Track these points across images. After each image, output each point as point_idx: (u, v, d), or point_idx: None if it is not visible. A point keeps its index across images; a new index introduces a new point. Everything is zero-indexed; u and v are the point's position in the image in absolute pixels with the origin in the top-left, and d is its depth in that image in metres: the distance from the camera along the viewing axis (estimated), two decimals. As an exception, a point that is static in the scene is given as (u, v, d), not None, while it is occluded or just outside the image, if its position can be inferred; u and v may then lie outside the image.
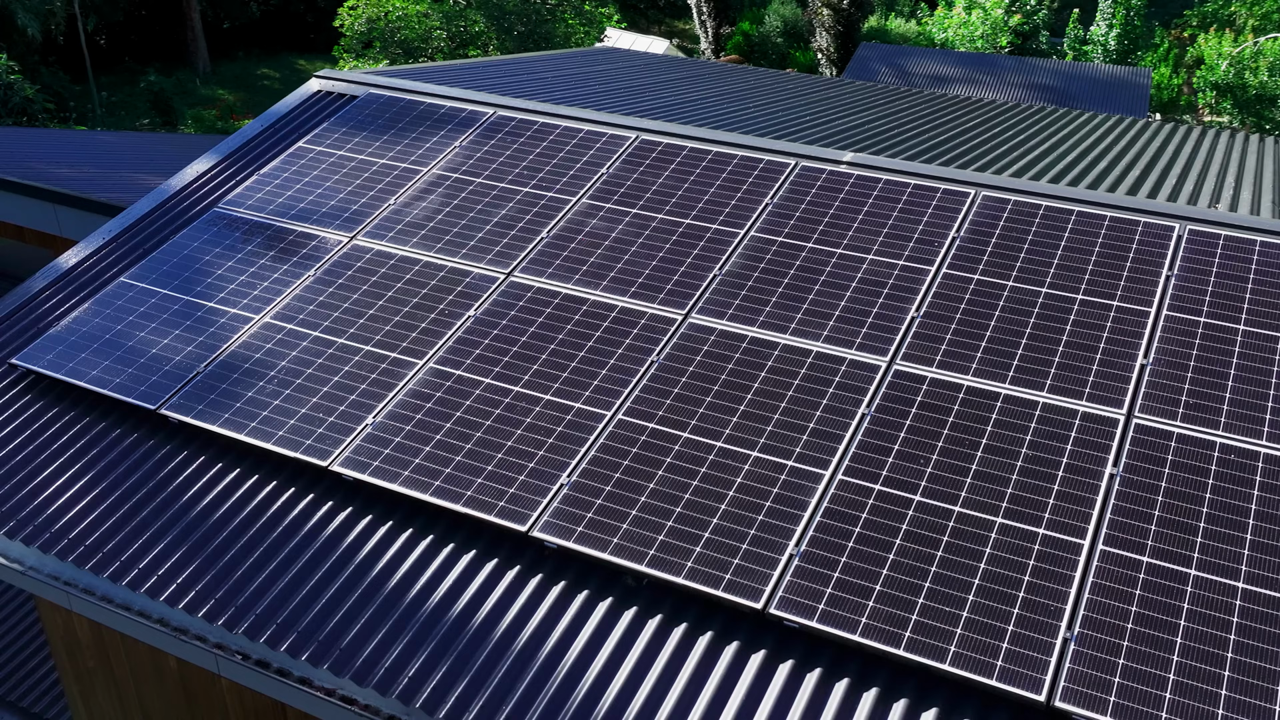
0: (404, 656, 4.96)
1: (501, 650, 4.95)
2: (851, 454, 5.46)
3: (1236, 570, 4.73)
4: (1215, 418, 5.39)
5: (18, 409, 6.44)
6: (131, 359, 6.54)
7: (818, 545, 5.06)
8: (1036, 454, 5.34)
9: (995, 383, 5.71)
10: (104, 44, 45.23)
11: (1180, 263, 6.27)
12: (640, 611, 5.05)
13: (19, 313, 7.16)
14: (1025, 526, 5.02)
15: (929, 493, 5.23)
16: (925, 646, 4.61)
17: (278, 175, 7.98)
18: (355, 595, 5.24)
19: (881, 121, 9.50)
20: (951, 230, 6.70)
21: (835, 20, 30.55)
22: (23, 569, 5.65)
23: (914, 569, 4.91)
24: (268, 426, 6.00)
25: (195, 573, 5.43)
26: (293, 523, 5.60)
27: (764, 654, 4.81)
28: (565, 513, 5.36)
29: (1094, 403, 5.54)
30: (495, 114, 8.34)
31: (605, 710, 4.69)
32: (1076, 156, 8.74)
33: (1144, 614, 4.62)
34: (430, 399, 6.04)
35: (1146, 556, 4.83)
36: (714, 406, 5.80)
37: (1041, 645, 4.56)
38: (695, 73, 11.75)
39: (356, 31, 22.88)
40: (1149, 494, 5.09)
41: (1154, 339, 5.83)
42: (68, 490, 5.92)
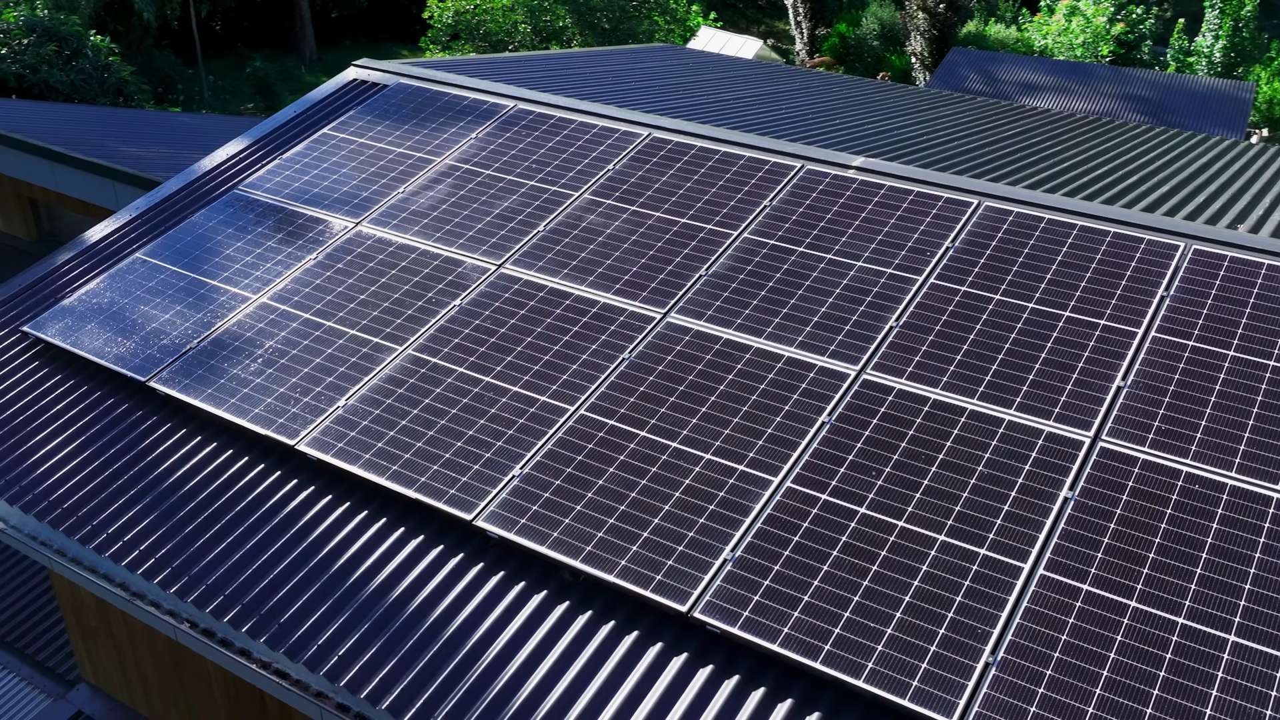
0: (338, 635, 5.06)
1: (433, 635, 5.01)
2: (804, 462, 5.38)
3: (1179, 605, 4.54)
4: (1186, 445, 5.17)
5: (24, 374, 6.72)
6: (132, 332, 6.78)
7: (754, 552, 5.00)
8: (992, 472, 5.19)
9: (963, 397, 5.57)
10: (219, 30, 46.89)
11: (1179, 283, 6.03)
12: (572, 606, 5.05)
13: (41, 283, 7.47)
14: (967, 546, 4.89)
15: (875, 505, 5.12)
16: (843, 661, 4.52)
17: (299, 160, 8.18)
18: (302, 573, 5.35)
19: (918, 128, 9.32)
20: (947, 240, 6.55)
21: (930, 24, 29.98)
22: (5, 527, 5.90)
23: (846, 582, 4.82)
24: (245, 404, 6.16)
25: (157, 541, 5.61)
26: (255, 499, 5.74)
27: (685, 657, 4.77)
28: (512, 504, 5.40)
29: (1061, 423, 5.36)
30: (515, 107, 8.41)
31: (524, 699, 4.71)
32: (1115, 171, 8.45)
33: (1074, 644, 4.46)
34: (402, 385, 6.14)
35: (1087, 585, 4.66)
36: (675, 407, 5.77)
37: (961, 668, 4.44)
38: (748, 73, 11.67)
39: (444, 23, 23.26)
40: (1102, 520, 4.91)
41: (1136, 361, 5.62)
42: (55, 455, 6.17)
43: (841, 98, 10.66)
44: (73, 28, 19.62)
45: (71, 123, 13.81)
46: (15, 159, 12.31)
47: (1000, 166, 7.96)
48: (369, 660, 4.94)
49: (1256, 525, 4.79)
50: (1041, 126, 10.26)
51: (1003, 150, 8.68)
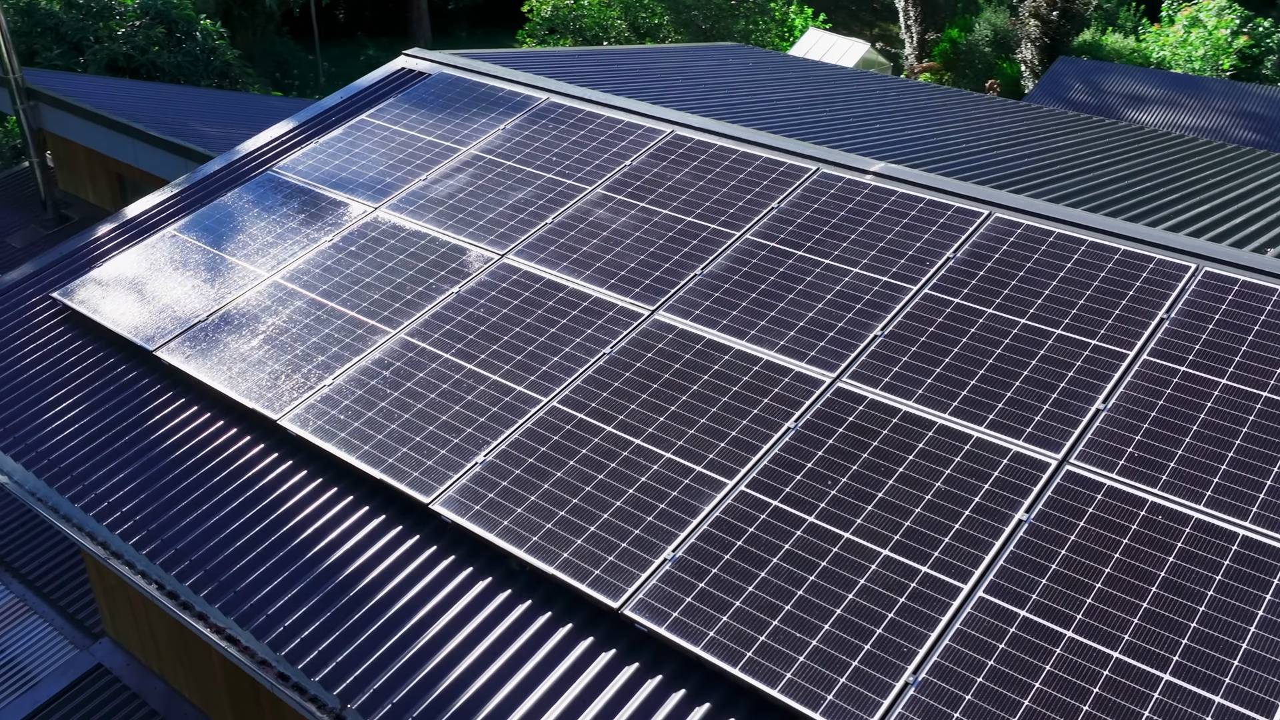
0: (288, 606, 5.19)
1: (379, 612, 5.10)
2: (762, 467, 5.31)
3: (1117, 640, 4.36)
4: (1156, 474, 4.95)
5: (47, 339, 7.05)
6: (149, 303, 7.05)
7: (695, 554, 4.97)
8: (950, 489, 5.05)
9: (935, 411, 5.43)
10: (341, 19, 48.25)
11: (1183, 305, 5.77)
12: (515, 594, 5.09)
13: (79, 252, 7.83)
14: (909, 563, 4.77)
15: (825, 515, 5.03)
16: (762, 670, 4.46)
17: (334, 145, 8.39)
18: (266, 544, 5.50)
19: (963, 136, 9.09)
20: (949, 250, 6.39)
21: (1042, 32, 29.13)
22: (9, 481, 6.21)
23: (781, 591, 4.75)
24: (239, 377, 6.36)
25: (138, 505, 5.83)
26: (234, 470, 5.93)
27: (614, 653, 4.77)
28: (470, 491, 5.46)
29: (1031, 443, 5.19)
30: (547, 100, 8.48)
31: (455, 678, 4.77)
32: (1162, 188, 8.12)
33: (1000, 670, 4.32)
34: (388, 368, 6.25)
35: (1025, 611, 4.51)
36: (645, 404, 5.76)
37: (880, 686, 4.34)
38: (807, 76, 11.55)
39: (542, 17, 23.52)
40: (1054, 546, 4.74)
41: (1121, 384, 5.40)
42: (61, 416, 6.46)
43: (899, 104, 10.46)
44: (184, 11, 20.43)
45: (161, 102, 14.39)
46: (102, 135, 12.89)
47: (1036, 178, 7.72)
48: (312, 632, 5.06)
49: (1215, 562, 4.56)
50: (1102, 139, 9.91)
51: (1046, 162, 8.42)
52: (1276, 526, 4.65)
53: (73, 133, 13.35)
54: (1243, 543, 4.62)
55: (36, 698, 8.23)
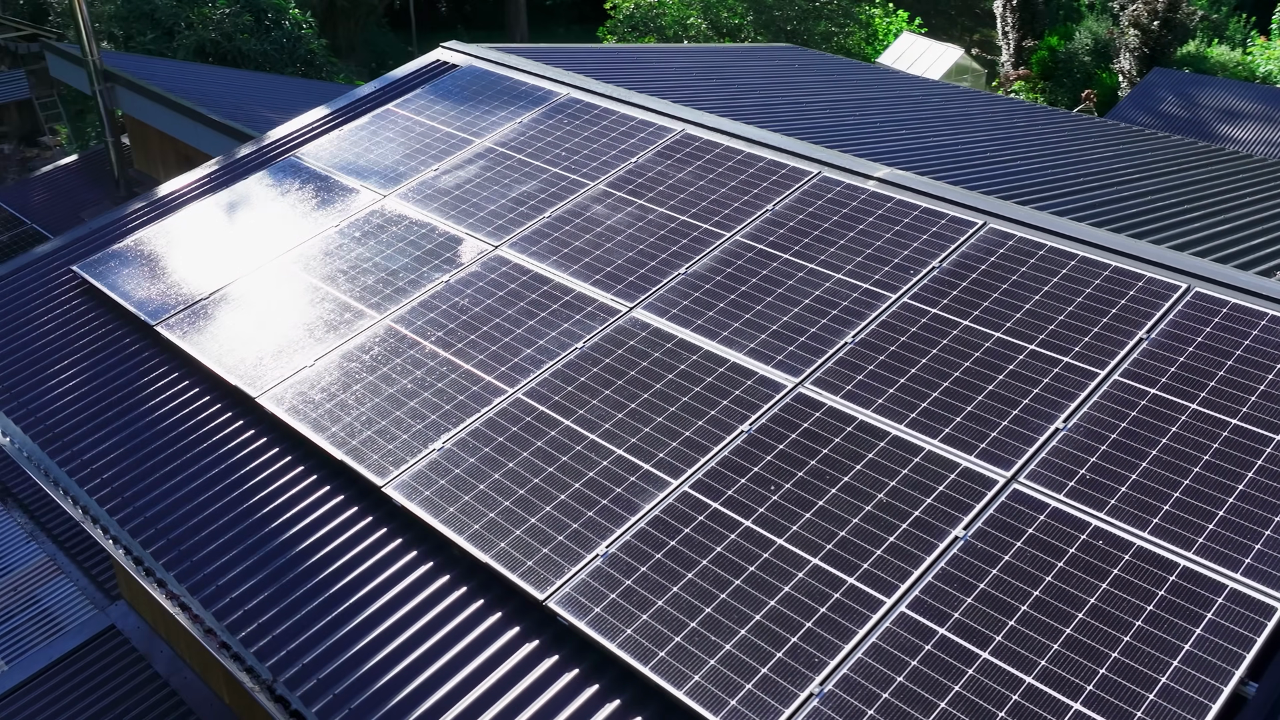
0: (240, 578, 5.33)
1: (322, 589, 5.21)
2: (709, 469, 5.29)
3: (1033, 665, 4.23)
4: (1105, 498, 4.79)
5: (62, 310, 7.35)
6: (159, 279, 7.30)
7: (627, 551, 4.97)
8: (891, 501, 4.96)
9: (890, 421, 5.33)
10: (443, 12, 49.13)
11: (1166, 325, 5.57)
12: (453, 580, 5.16)
13: (106, 228, 8.14)
14: (836, 572, 4.70)
15: (761, 520, 4.99)
16: (671, 670, 4.45)
17: (357, 132, 8.57)
18: (228, 517, 5.66)
19: (993, 145, 8.89)
20: (936, 259, 6.26)
21: (1142, 43, 28.22)
22: (8, 444, 6.49)
23: (704, 593, 4.72)
24: (226, 355, 6.54)
25: (118, 473, 6.04)
26: (212, 444, 6.11)
27: (537, 644, 4.80)
28: (424, 476, 5.54)
29: (982, 459, 5.07)
30: (566, 96, 8.54)
31: (386, 654, 4.86)
32: (1188, 204, 7.84)
33: (907, 687, 4.24)
34: (368, 352, 6.38)
35: (945, 629, 4.41)
36: (607, 400, 5.77)
37: (785, 695, 4.29)
38: (854, 80, 11.40)
39: (624, 15, 23.62)
40: (986, 565, 4.62)
41: (1086, 404, 5.24)
42: (64, 384, 6.73)
43: (939, 111, 10.26)
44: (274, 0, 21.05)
45: (231, 87, 14.84)
46: (169, 117, 13.36)
47: (1053, 191, 7.52)
48: (256, 605, 5.19)
49: (1149, 591, 4.40)
50: (1146, 154, 9.59)
51: (1072, 174, 8.18)
52: (1220, 559, 4.47)
53: (145, 114, 13.86)
54: (1182, 573, 4.45)
55: (52, 652, 8.59)
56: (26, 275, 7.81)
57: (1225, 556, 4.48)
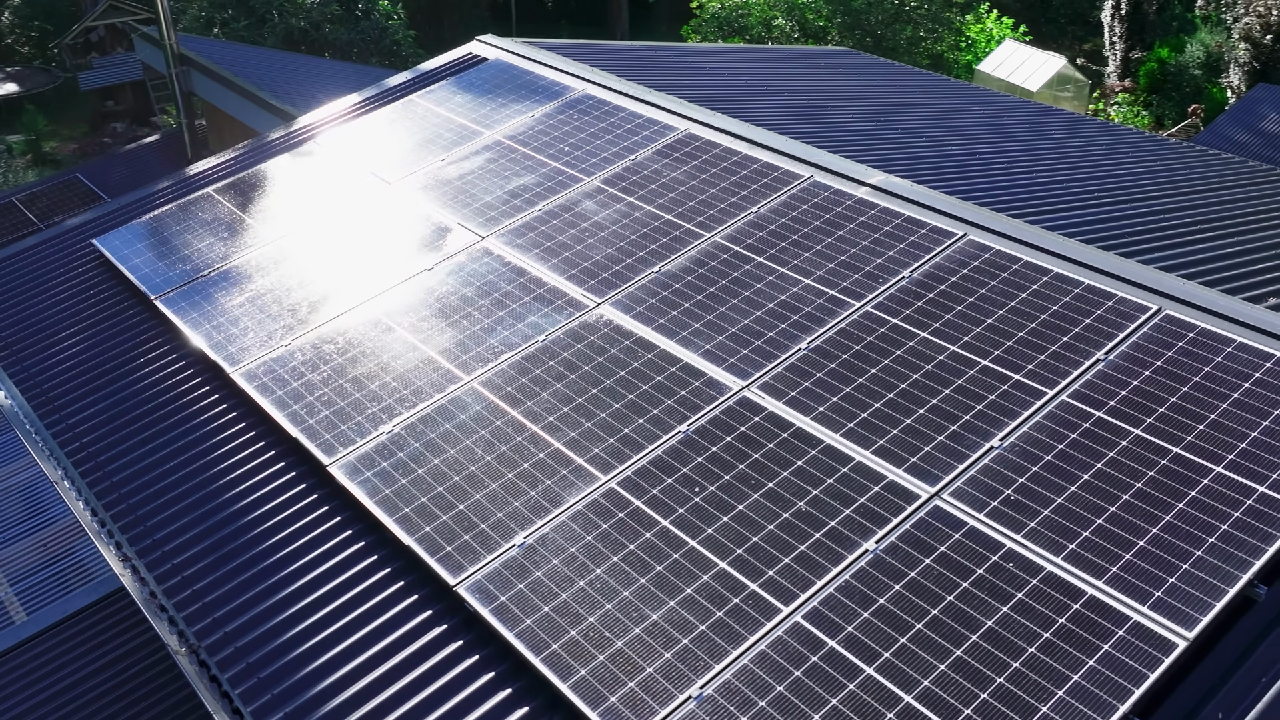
0: (186, 545, 5.53)
1: (258, 560, 5.37)
2: (639, 466, 5.29)
3: (915, 683, 4.14)
4: (1025, 521, 4.66)
5: (78, 280, 7.69)
6: (167, 255, 7.59)
7: (542, 543, 5.01)
8: (811, 511, 4.90)
9: (827, 430, 5.26)
10: (549, 6, 49.63)
11: (1128, 347, 5.38)
12: (381, 559, 5.27)
13: (132, 205, 8.48)
14: (740, 577, 4.67)
15: (680, 521, 4.98)
16: (561, 663, 4.47)
17: (379, 121, 8.76)
18: (185, 486, 5.87)
19: (1009, 155, 8.67)
20: (907, 269, 6.15)
21: (1252, 57, 27.03)
22: (9, 404, 6.82)
23: (606, 589, 4.73)
24: (213, 331, 6.77)
25: (96, 439, 6.31)
26: (185, 416, 6.33)
27: (446, 627, 4.88)
28: (368, 459, 5.66)
29: (910, 473, 4.97)
30: (581, 92, 8.59)
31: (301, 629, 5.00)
32: (1197, 225, 7.54)
33: (785, 697, 4.19)
34: (343, 335, 6.52)
35: (835, 641, 4.35)
36: (557, 394, 5.81)
37: (665, 696, 4.28)
38: (907, 86, 11.22)
39: (709, 14, 23.59)
40: (890, 580, 4.53)
41: (1028, 423, 5.09)
42: (63, 351, 7.05)
43: (978, 120, 10.03)
44: (365, -10, 21.60)
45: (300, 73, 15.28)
46: (235, 100, 13.82)
47: (1053, 204, 7.31)
48: (194, 572, 5.38)
49: (1049, 618, 4.27)
50: (1181, 170, 9.23)
51: (1085, 188, 7.94)
52: (1130, 590, 4.31)
53: (214, 97, 14.36)
54: (1088, 602, 4.31)
55: (67, 606, 8.98)
56: (54, 246, 8.18)
57: (1136, 588, 4.32)
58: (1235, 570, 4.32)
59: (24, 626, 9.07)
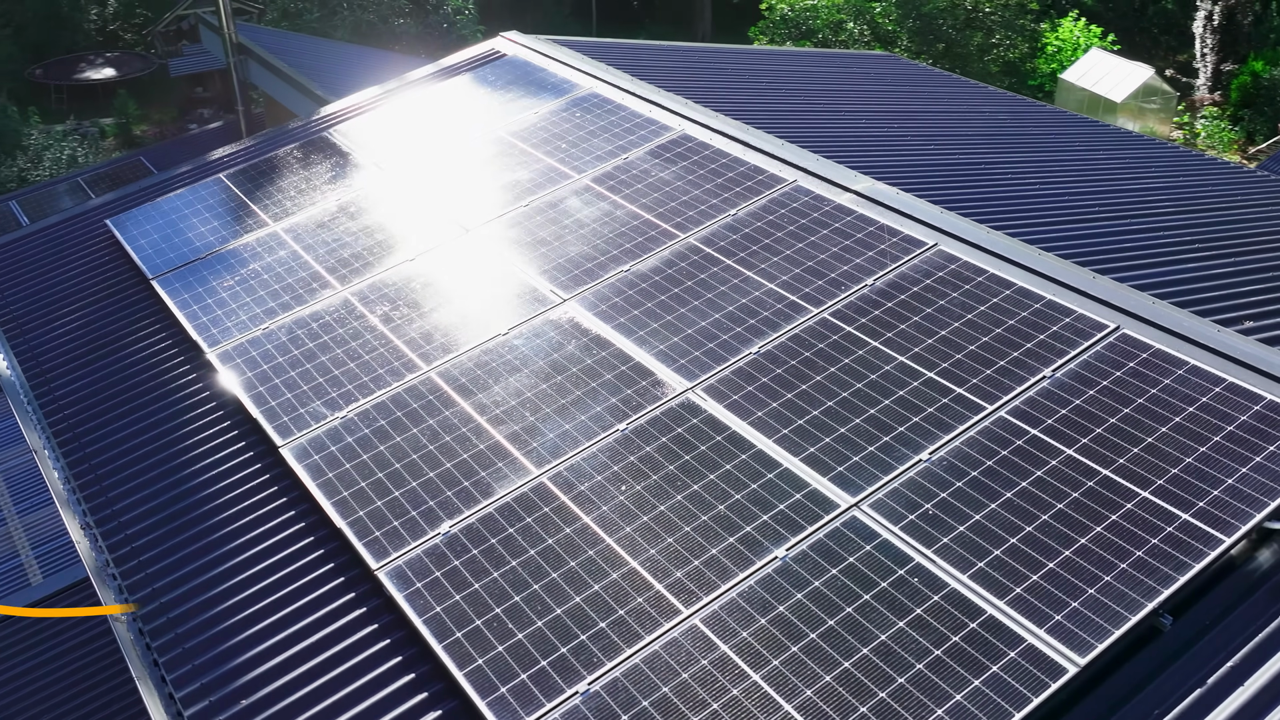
0: (142, 516, 5.72)
1: (205, 534, 5.54)
2: (572, 463, 5.33)
3: (798, 692, 4.12)
4: (939, 537, 4.59)
5: (90, 258, 7.99)
6: (171, 237, 7.84)
7: (466, 533, 5.08)
8: (729, 514, 4.89)
9: (760, 435, 5.24)
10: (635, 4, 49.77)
11: (1077, 365, 5.25)
12: (318, 540, 5.39)
13: (154, 186, 8.77)
14: (648, 577, 4.68)
15: (600, 519, 5.00)
16: (460, 651, 4.54)
17: (393, 112, 8.93)
18: (153, 460, 6.07)
19: (1018, 166, 8.48)
20: (871, 278, 6.08)
21: (1348, 72, 25.95)
22: (9, 374, 7.12)
23: (517, 581, 4.78)
24: (200, 312, 6.98)
25: (79, 410, 6.56)
26: (163, 394, 6.55)
27: (365, 610, 4.98)
28: (319, 442, 5.79)
29: (834, 482, 4.93)
30: (588, 90, 8.65)
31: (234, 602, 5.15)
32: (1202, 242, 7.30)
33: (669, 698, 4.19)
34: (318, 321, 6.67)
35: (728, 646, 4.33)
36: (509, 387, 5.88)
37: (552, 690, 4.31)
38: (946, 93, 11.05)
39: (777, 16, 23.46)
40: (793, 588, 4.50)
41: (960, 438, 5.01)
42: (65, 325, 7.33)
43: (1008, 132, 9.84)
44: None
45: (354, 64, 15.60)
46: (285, 89, 14.17)
47: (1046, 217, 7.15)
48: (145, 543, 5.56)
49: (943, 635, 4.20)
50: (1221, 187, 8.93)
51: (1091, 203, 7.74)
52: (1030, 612, 4.22)
53: (268, 86, 14.74)
54: (985, 622, 4.23)
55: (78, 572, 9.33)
56: (74, 225, 8.51)
57: (1036, 610, 4.23)
58: (1142, 599, 4.20)
59: (40, 588, 9.44)
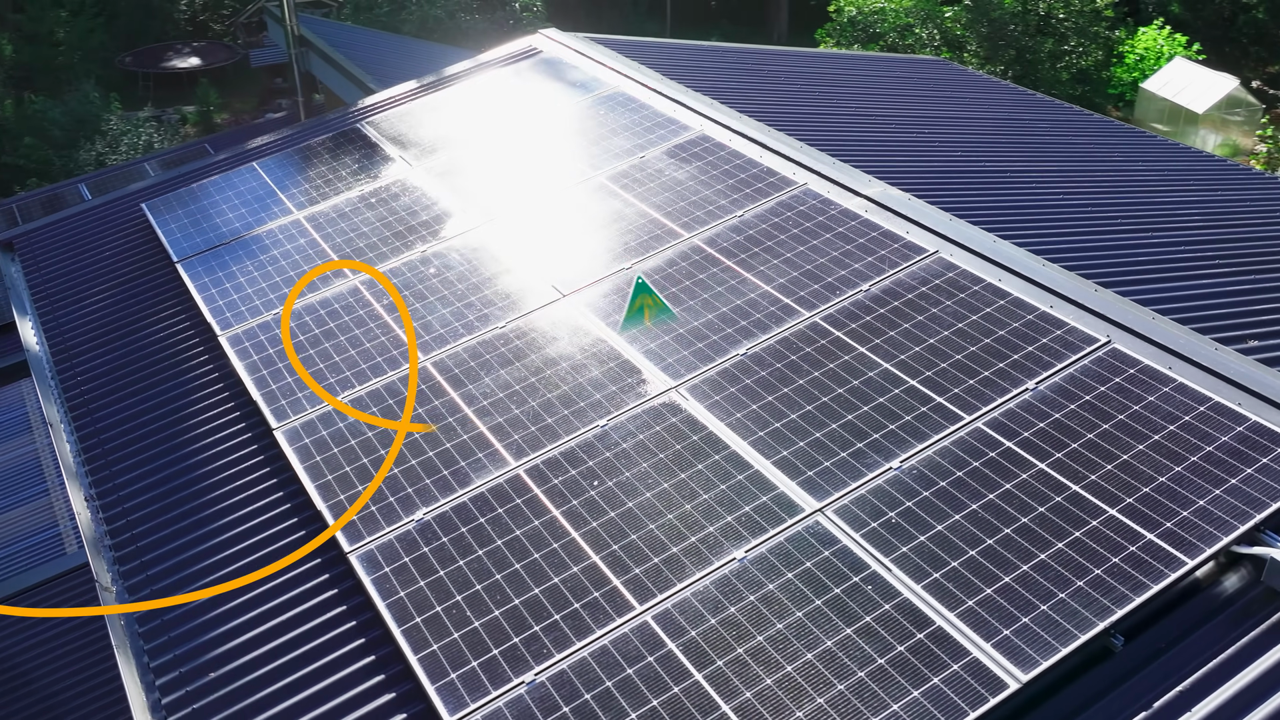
0: (136, 493, 5.91)
1: (200, 510, 5.71)
2: (549, 457, 5.38)
3: (737, 693, 4.11)
4: (898, 545, 4.55)
5: (125, 241, 8.25)
6: (199, 222, 8.06)
7: (439, 521, 5.15)
8: (694, 514, 4.89)
9: (736, 436, 5.24)
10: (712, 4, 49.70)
11: (1060, 379, 5.16)
12: (301, 523, 5.52)
13: (194, 171, 9.02)
14: (607, 572, 4.71)
15: (569, 512, 5.05)
16: (418, 636, 4.61)
17: (425, 106, 9.07)
18: (155, 438, 6.26)
19: (1044, 176, 8.33)
20: (868, 283, 6.04)
21: None
22: (37, 349, 7.39)
23: (481, 570, 4.85)
24: (216, 295, 7.17)
25: (94, 387, 6.78)
26: (172, 374, 6.74)
27: (339, 591, 5.09)
28: (311, 425, 5.92)
29: (803, 487, 4.91)
30: (615, 89, 8.69)
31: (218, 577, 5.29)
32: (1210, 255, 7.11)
33: (611, 693, 4.22)
34: (326, 308, 6.81)
35: (675, 644, 4.35)
36: (498, 379, 5.95)
37: (500, 678, 4.37)
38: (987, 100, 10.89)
39: (845, 19, 23.30)
40: (747, 589, 4.50)
41: (933, 447, 4.96)
42: (94, 304, 7.58)
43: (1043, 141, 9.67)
44: (505, -17, 22.20)
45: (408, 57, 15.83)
46: (340, 80, 14.44)
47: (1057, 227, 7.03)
48: (136, 520, 5.74)
49: (888, 645, 4.17)
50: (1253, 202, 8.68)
51: (1106, 215, 7.58)
52: (979, 625, 4.16)
53: (326, 78, 15.04)
54: (933, 633, 4.18)
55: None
56: (114, 208, 8.79)
57: (985, 624, 4.17)
58: (1094, 618, 4.12)
59: (74, 556, 9.76)
